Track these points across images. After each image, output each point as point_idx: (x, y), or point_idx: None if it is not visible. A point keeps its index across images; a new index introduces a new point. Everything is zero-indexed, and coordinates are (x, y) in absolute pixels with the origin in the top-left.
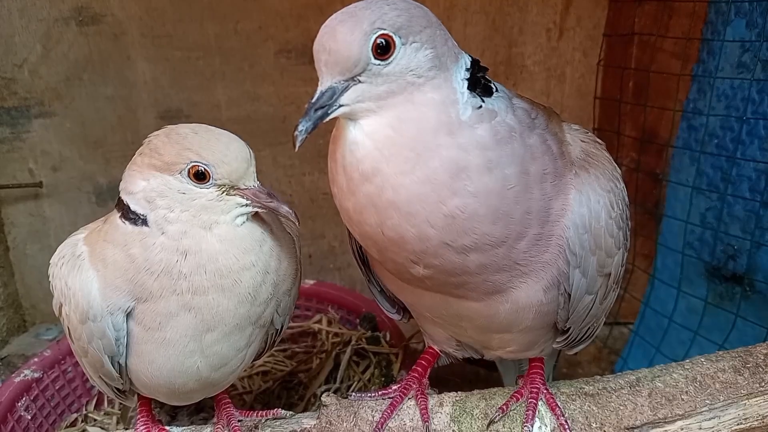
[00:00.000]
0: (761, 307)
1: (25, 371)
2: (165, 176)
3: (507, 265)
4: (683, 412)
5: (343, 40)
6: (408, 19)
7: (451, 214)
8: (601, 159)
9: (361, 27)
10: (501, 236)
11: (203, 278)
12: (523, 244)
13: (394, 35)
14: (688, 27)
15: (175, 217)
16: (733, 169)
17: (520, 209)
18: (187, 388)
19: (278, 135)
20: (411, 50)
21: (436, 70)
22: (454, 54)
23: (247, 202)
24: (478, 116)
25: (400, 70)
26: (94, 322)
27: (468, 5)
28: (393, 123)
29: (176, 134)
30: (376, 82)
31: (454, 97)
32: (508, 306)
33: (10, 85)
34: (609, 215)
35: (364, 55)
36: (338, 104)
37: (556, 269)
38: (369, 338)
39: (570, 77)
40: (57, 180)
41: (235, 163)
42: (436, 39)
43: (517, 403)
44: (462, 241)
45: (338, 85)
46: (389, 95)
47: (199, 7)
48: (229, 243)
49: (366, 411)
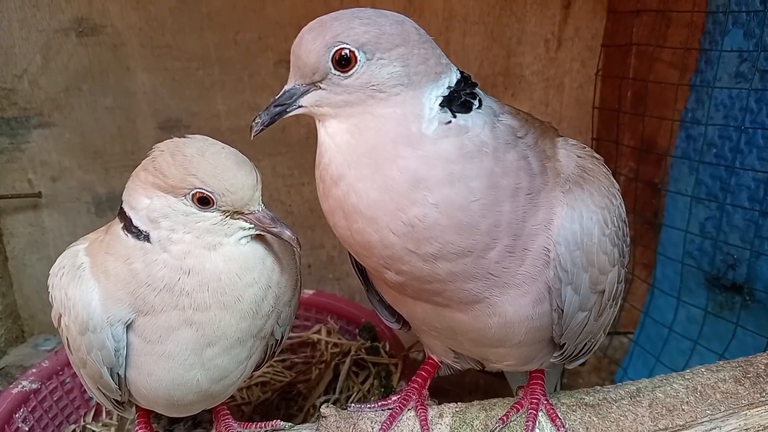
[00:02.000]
0: (761, 317)
1: (23, 382)
2: (168, 197)
3: (479, 274)
4: (684, 422)
5: (306, 47)
6: (377, 36)
7: (411, 223)
8: (597, 174)
9: (324, 38)
10: (466, 246)
11: (206, 295)
12: (494, 254)
13: (357, 50)
14: (685, 37)
15: (178, 238)
16: (731, 179)
17: (487, 221)
18: (186, 401)
19: (277, 145)
20: (376, 66)
21: (402, 87)
22: (435, 73)
23: (251, 226)
24: (445, 131)
25: (361, 84)
26: (94, 333)
27: (467, 16)
28: (351, 130)
29: (182, 156)
30: (335, 91)
31: (419, 112)
32: (496, 320)
33: (10, 95)
34: (602, 232)
35: (323, 65)
36: (297, 104)
37: (543, 284)
38: (368, 348)
39: (568, 87)
40: (56, 190)
41: (240, 192)
42: (411, 58)
43: (517, 414)
44: (426, 249)
45: (300, 87)
46: (346, 105)
47: (198, 18)
48: (232, 262)
49: (365, 422)
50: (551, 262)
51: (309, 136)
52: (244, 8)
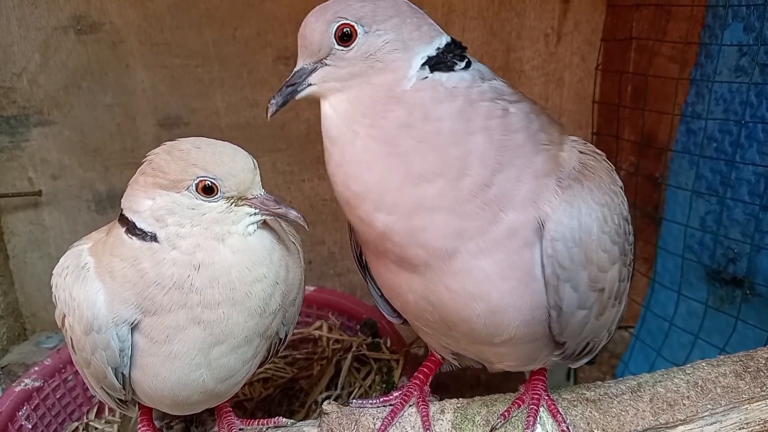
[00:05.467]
0: (762, 310)
1: (26, 380)
2: (171, 194)
3: (455, 205)
4: (685, 417)
5: (310, 27)
6: (372, 9)
7: (397, 153)
8: (598, 171)
9: (325, 17)
10: (441, 164)
11: (215, 291)
12: (468, 182)
13: (356, 24)
14: (685, 31)
15: (187, 232)
16: (732, 173)
17: (461, 148)
18: (191, 400)
19: (277, 141)
20: (373, 38)
21: (398, 53)
22: (429, 37)
23: (256, 211)
24: (422, 84)
25: (362, 55)
26: (99, 333)
27: (466, 11)
28: (351, 99)
29: (178, 151)
30: (339, 65)
31: (406, 74)
32: (481, 306)
33: (9, 93)
34: (602, 229)
35: (327, 40)
36: (307, 83)
37: (525, 271)
38: (370, 344)
39: (568, 82)
40: (56, 188)
41: (242, 175)
42: (404, 26)
43: (518, 410)
44: (412, 170)
45: (308, 66)
46: (351, 77)
47: (197, 14)
48: (241, 254)
49: (367, 419)
50: (549, 258)
51: (309, 132)
52: (242, 4)
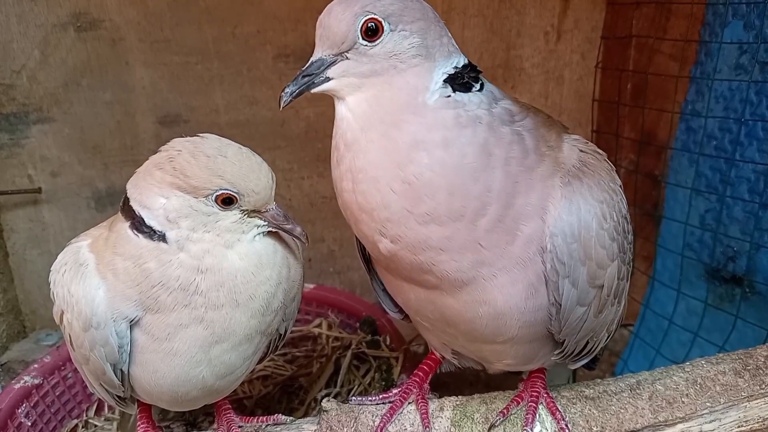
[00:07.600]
0: (761, 309)
1: (25, 377)
2: (188, 197)
3: (469, 244)
4: (684, 415)
5: (336, 17)
6: (401, 8)
7: (408, 180)
8: (598, 169)
9: (353, 9)
10: (458, 208)
11: (220, 294)
12: (484, 222)
13: (384, 20)
14: (685, 29)
15: (198, 237)
16: (731, 171)
17: (479, 186)
18: (190, 396)
19: (277, 139)
20: (399, 37)
21: (420, 58)
22: (448, 51)
23: (266, 224)
24: (444, 103)
25: (385, 53)
26: (97, 329)
27: (466, 8)
28: (370, 99)
29: (204, 156)
30: (361, 61)
31: (428, 85)
32: (486, 309)
33: (9, 91)
34: (601, 226)
35: (352, 33)
36: (325, 76)
37: (535, 275)
38: (369, 342)
39: (568, 80)
40: (56, 185)
41: (263, 192)
42: (429, 32)
43: (517, 407)
44: (421, 209)
45: (327, 58)
46: (372, 74)
47: (196, 12)
48: (248, 259)
49: (366, 416)
50: (548, 254)
51: (308, 130)
52: (242, 2)
